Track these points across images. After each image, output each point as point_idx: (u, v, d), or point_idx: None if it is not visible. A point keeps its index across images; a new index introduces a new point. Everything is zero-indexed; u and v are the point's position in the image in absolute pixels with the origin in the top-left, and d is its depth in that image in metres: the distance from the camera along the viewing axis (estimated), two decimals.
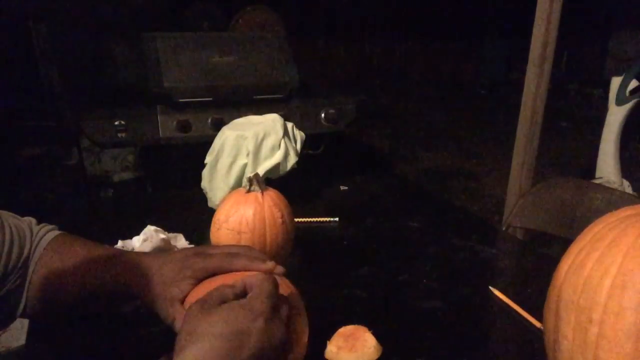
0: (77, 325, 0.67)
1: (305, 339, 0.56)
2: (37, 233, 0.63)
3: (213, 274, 0.57)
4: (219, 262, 0.57)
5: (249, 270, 0.56)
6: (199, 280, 0.57)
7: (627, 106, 2.50)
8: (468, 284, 0.84)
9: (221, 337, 0.43)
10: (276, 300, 0.48)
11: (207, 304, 0.47)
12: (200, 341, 0.43)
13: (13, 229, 0.59)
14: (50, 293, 0.61)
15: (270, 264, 0.56)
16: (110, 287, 0.61)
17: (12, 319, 0.60)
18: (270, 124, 1.12)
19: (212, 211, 0.86)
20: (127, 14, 3.48)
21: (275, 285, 0.50)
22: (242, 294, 0.50)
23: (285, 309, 0.49)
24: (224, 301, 0.48)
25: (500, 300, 0.77)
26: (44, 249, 0.62)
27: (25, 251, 0.60)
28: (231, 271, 0.57)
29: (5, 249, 0.57)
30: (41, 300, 0.61)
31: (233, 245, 0.67)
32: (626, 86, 2.47)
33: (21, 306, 0.60)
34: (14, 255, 0.58)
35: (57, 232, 0.66)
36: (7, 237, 0.58)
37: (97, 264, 0.61)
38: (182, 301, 0.56)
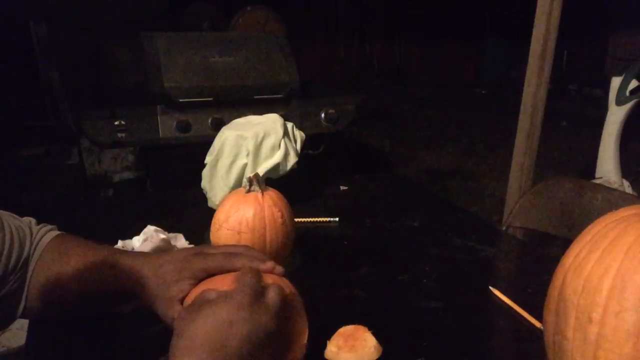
0: (77, 325, 0.67)
1: (304, 339, 0.56)
2: (37, 233, 0.63)
3: (213, 274, 0.57)
4: (218, 261, 0.57)
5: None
6: (199, 280, 0.57)
7: (627, 106, 2.50)
8: (468, 284, 0.84)
9: (207, 333, 0.44)
10: (259, 290, 0.48)
11: (193, 306, 0.47)
12: (187, 340, 0.44)
13: (13, 229, 0.60)
14: (49, 294, 0.61)
15: (269, 264, 0.56)
16: (109, 287, 0.61)
17: (12, 319, 0.60)
18: (270, 124, 1.12)
19: (212, 211, 0.86)
20: (127, 14, 3.48)
21: (257, 277, 0.50)
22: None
23: (273, 297, 0.49)
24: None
25: (500, 300, 0.77)
26: (43, 249, 0.62)
27: (25, 251, 0.60)
28: (231, 271, 0.57)
29: (6, 249, 0.57)
30: (41, 301, 0.61)
31: (233, 245, 0.67)
32: (626, 86, 2.47)
33: (21, 307, 0.60)
34: (14, 256, 0.58)
35: (56, 233, 0.66)
36: (7, 237, 0.58)
37: (96, 265, 0.61)
38: (182, 301, 0.56)
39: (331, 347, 0.62)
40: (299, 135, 1.18)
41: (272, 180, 1.07)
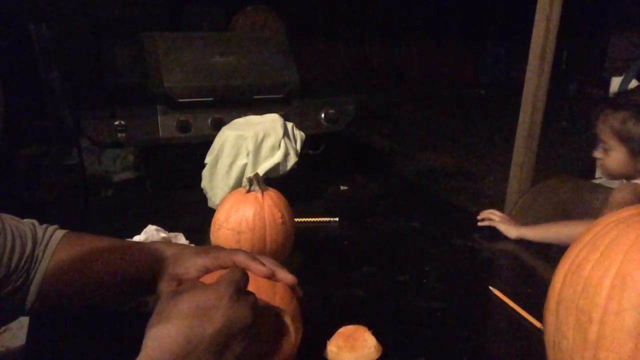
0: (77, 325, 0.67)
1: (295, 336, 0.55)
2: (45, 232, 0.64)
3: (224, 267, 0.58)
4: (234, 257, 0.58)
5: (254, 271, 0.57)
6: (208, 270, 0.58)
7: None
8: (468, 284, 0.84)
9: (183, 316, 0.45)
10: (243, 286, 0.50)
11: (180, 289, 0.49)
12: (164, 321, 0.45)
13: (14, 230, 0.61)
14: (74, 283, 0.62)
15: (289, 277, 0.58)
16: (132, 269, 0.63)
17: (20, 312, 0.62)
18: (270, 124, 1.12)
19: (212, 211, 0.86)
20: (127, 14, 3.48)
21: (244, 276, 0.51)
22: None
23: (254, 297, 0.50)
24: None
25: (500, 300, 0.77)
26: (59, 243, 0.64)
27: (27, 250, 0.61)
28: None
29: (7, 249, 0.59)
30: (59, 291, 0.62)
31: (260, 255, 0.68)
32: (626, 86, 2.47)
33: (29, 301, 0.61)
34: (16, 255, 0.59)
35: (65, 231, 0.67)
36: (9, 238, 0.59)
37: (120, 249, 0.64)
38: (182, 281, 0.58)
39: (331, 347, 0.62)
40: (299, 135, 1.18)
41: (272, 180, 1.07)
